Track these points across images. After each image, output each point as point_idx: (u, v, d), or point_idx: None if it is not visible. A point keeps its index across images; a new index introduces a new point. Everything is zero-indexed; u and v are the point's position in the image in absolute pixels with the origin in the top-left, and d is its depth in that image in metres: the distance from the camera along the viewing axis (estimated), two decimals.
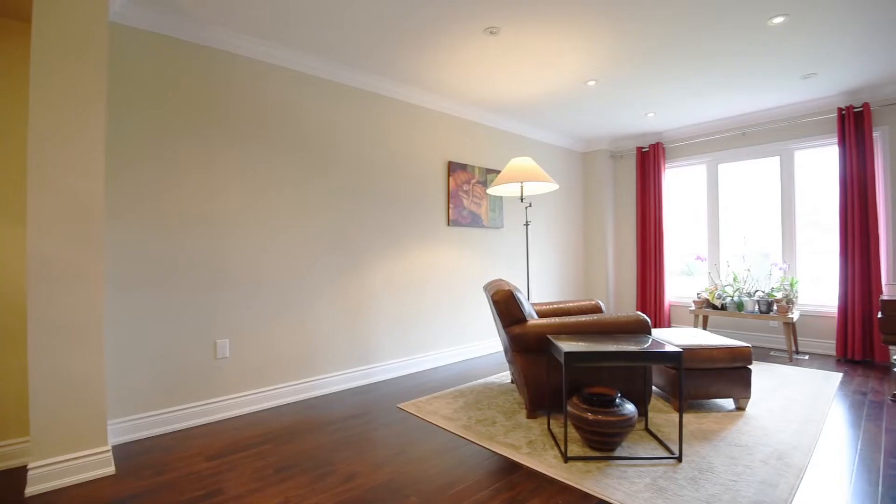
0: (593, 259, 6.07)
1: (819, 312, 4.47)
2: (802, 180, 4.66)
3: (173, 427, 2.67)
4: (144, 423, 2.58)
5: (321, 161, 3.37)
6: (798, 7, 2.70)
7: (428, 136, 4.14)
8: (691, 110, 4.68)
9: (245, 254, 2.98)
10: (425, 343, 4.06)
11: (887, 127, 4.09)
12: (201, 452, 2.36)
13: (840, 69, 3.64)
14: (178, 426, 2.68)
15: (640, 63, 3.47)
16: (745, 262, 4.94)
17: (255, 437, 2.55)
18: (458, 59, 3.34)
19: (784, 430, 2.53)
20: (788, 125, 4.64)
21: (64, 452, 2.04)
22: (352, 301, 3.53)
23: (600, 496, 1.88)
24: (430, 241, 4.13)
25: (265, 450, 2.39)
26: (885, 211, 4.09)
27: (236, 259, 2.94)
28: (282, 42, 3.03)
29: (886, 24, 2.91)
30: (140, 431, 2.56)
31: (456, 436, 2.53)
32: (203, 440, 2.52)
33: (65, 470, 2.03)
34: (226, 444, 2.47)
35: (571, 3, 2.63)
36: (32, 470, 1.96)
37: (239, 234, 2.96)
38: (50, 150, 2.02)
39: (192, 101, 2.78)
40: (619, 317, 2.74)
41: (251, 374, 2.99)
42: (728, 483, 1.97)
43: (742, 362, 2.83)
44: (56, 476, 2.00)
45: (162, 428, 2.63)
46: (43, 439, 1.99)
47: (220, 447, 2.43)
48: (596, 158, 6.05)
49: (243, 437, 2.55)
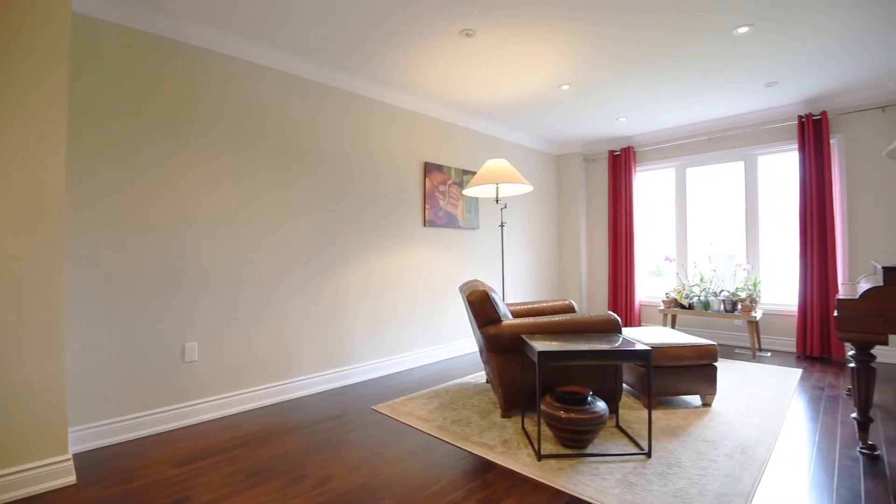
0: (567, 260, 6.17)
1: (780, 311, 4.67)
2: (765, 184, 4.85)
3: (140, 433, 2.58)
4: (109, 430, 2.48)
5: (297, 161, 3.32)
6: (762, 18, 2.81)
7: (404, 136, 4.13)
8: (661, 116, 4.81)
9: (216, 255, 2.91)
10: (401, 344, 4.05)
11: (843, 134, 4.30)
12: (169, 459, 2.30)
13: (801, 78, 3.81)
14: (144, 432, 2.60)
15: (611, 68, 3.55)
16: (712, 262, 5.12)
17: (225, 442, 2.49)
18: (436, 60, 3.35)
19: (747, 425, 2.63)
20: (752, 131, 4.82)
21: (20, 462, 1.94)
22: (327, 302, 3.49)
23: (572, 493, 1.91)
24: (406, 242, 4.12)
25: (236, 455, 2.34)
26: (841, 214, 4.30)
27: (207, 260, 2.87)
28: (260, 40, 2.98)
29: (844, 37, 3.06)
30: (105, 438, 2.47)
31: (431, 436, 2.53)
32: (171, 446, 2.45)
33: (21, 481, 1.93)
34: (195, 449, 2.41)
35: (545, 8, 2.67)
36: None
37: (210, 235, 2.89)
38: (7, 148, 1.93)
39: (165, 99, 2.70)
40: (590, 316, 2.79)
41: (222, 377, 2.93)
42: (695, 477, 2.03)
43: (708, 360, 2.92)
44: (11, 487, 1.91)
45: (128, 434, 2.54)
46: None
47: (189, 453, 2.36)
48: (569, 161, 6.15)
49: (214, 443, 2.49)
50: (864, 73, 3.72)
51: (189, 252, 2.80)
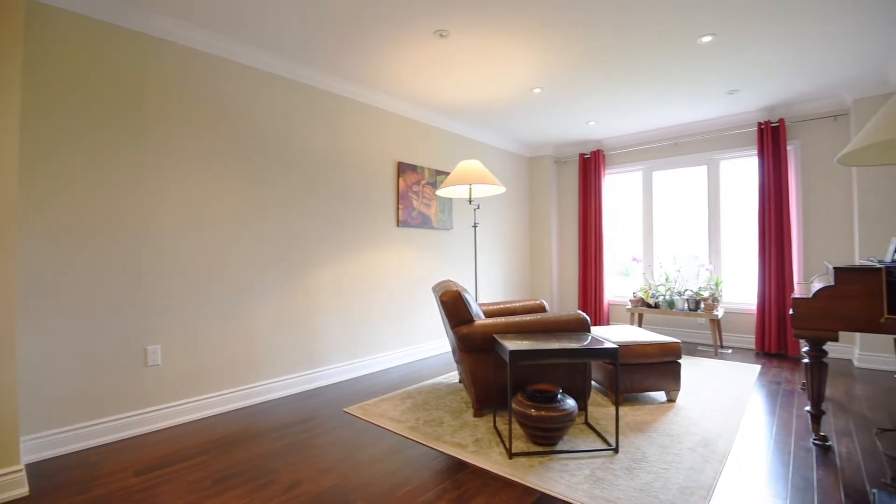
0: (538, 260, 6.26)
1: (741, 310, 4.86)
2: (727, 188, 5.05)
3: (99, 441, 2.48)
4: (66, 438, 2.38)
5: (268, 159, 3.26)
6: (724, 28, 2.92)
7: (378, 135, 4.10)
8: (629, 120, 4.94)
9: (182, 254, 2.82)
10: (374, 345, 4.02)
11: (799, 141, 4.51)
12: (131, 467, 2.22)
13: (760, 87, 3.98)
14: (104, 440, 2.50)
15: (581, 73, 3.63)
16: (677, 263, 5.29)
17: (191, 448, 2.42)
18: (410, 59, 3.34)
19: (709, 420, 2.73)
20: (715, 137, 5.01)
21: None
22: (298, 303, 3.43)
23: (543, 490, 1.94)
24: (379, 242, 4.09)
25: (202, 461, 2.27)
26: (797, 217, 4.52)
27: (172, 260, 2.78)
28: (232, 36, 2.91)
29: (800, 49, 3.22)
30: (61, 447, 2.36)
31: (403, 437, 2.53)
32: (133, 454, 2.36)
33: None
34: (159, 456, 2.33)
35: (516, 11, 2.71)
36: None
37: (176, 234, 2.80)
38: None
39: (132, 94, 2.60)
40: (560, 316, 2.84)
41: (187, 381, 2.84)
42: (660, 471, 2.10)
43: (672, 357, 3.02)
44: None
45: (86, 442, 2.44)
46: None
47: (152, 460, 2.29)
48: (541, 163, 6.25)
49: (178, 449, 2.42)
50: (819, 84, 3.92)
51: (153, 251, 2.70)
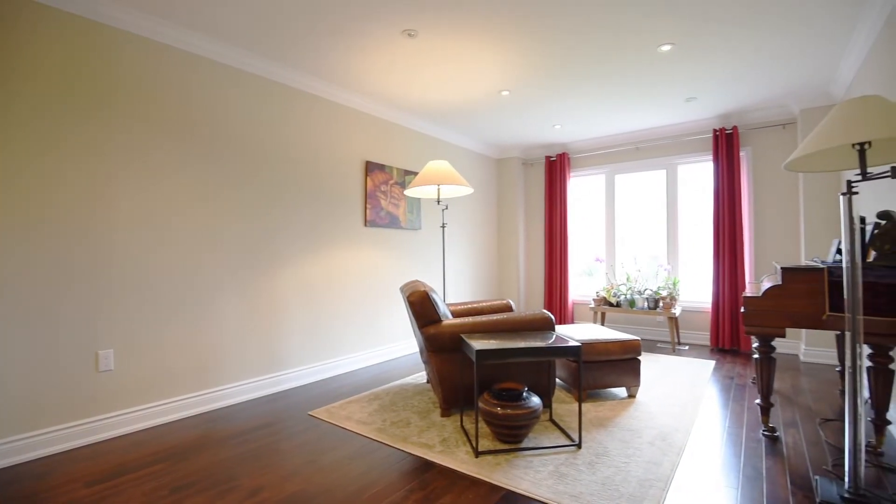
0: (506, 260, 6.34)
1: (697, 308, 5.07)
2: (684, 191, 5.26)
3: (48, 451, 2.34)
4: (10, 449, 2.23)
5: (231, 155, 3.16)
6: (683, 38, 3.04)
7: (346, 134, 4.05)
8: (593, 125, 5.07)
9: (135, 254, 2.70)
10: (341, 346, 3.97)
11: (751, 147, 4.75)
12: (81, 478, 2.10)
13: (716, 95, 4.17)
14: (52, 450, 2.36)
15: (547, 77, 3.70)
16: (637, 263, 5.47)
17: (146, 457, 2.32)
18: (379, 58, 3.32)
19: (667, 414, 2.83)
20: (673, 142, 5.21)
21: None
22: (262, 304, 3.35)
23: (508, 487, 1.97)
24: (346, 242, 4.04)
25: (158, 469, 2.18)
26: (749, 220, 4.75)
27: (124, 260, 2.65)
28: (193, 28, 2.81)
29: (753, 60, 3.39)
30: (5, 458, 2.21)
31: (370, 440, 2.51)
32: (84, 464, 2.24)
33: None
34: (112, 466, 2.22)
35: (484, 14, 2.73)
36: None
37: (128, 233, 2.67)
38: None
39: (83, 82, 2.46)
40: (526, 315, 2.89)
41: (142, 386, 2.72)
42: (620, 465, 2.16)
43: (633, 354, 3.12)
44: None
45: (33, 453, 2.30)
46: None
47: (104, 470, 2.18)
48: (509, 165, 6.33)
49: (133, 458, 2.31)
50: (769, 94, 4.14)
51: (106, 251, 2.57)
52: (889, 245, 2.19)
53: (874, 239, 2.23)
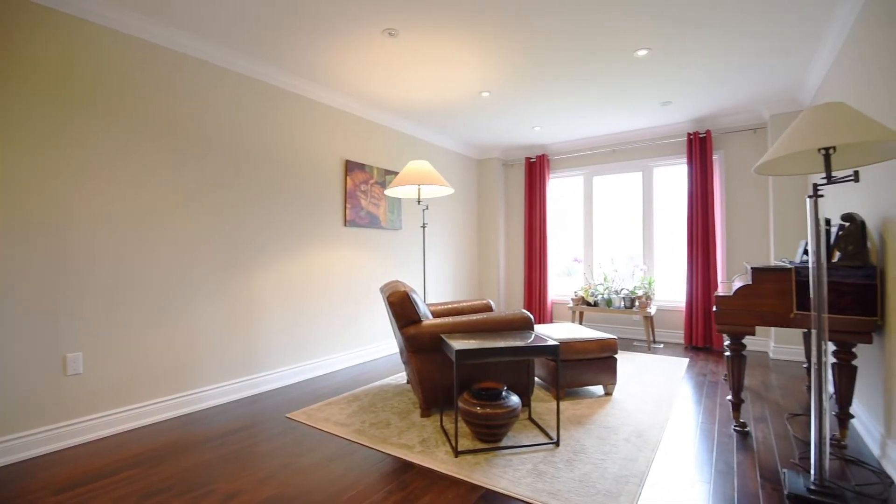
0: (486, 260, 6.37)
1: (671, 307, 5.19)
2: (660, 193, 5.37)
3: (13, 458, 2.25)
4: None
5: (208, 152, 3.09)
6: (659, 43, 3.11)
7: (326, 133, 4.01)
8: (571, 127, 5.14)
9: (108, 253, 2.62)
10: (321, 348, 3.92)
11: (724, 151, 4.89)
12: (49, 485, 2.03)
13: (690, 100, 4.27)
14: (18, 457, 2.26)
15: (527, 80, 3.73)
16: (614, 263, 5.57)
17: (118, 462, 2.25)
18: (359, 57, 3.30)
19: (643, 411, 2.89)
20: (649, 145, 5.32)
21: None
22: (239, 305, 3.29)
23: (487, 486, 1.98)
24: (326, 242, 4.00)
25: (130, 475, 2.12)
26: (721, 221, 4.89)
27: (96, 259, 2.57)
28: (177, 27, 2.73)
29: (725, 66, 3.48)
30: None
31: (349, 441, 2.49)
32: (52, 471, 2.16)
33: None
34: (81, 472, 2.15)
35: (465, 14, 2.74)
36: None
37: (100, 234, 2.59)
38: None
39: (46, 72, 2.37)
40: (505, 315, 2.91)
41: (113, 390, 2.64)
42: (597, 462, 2.20)
43: (610, 352, 3.17)
44: None
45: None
46: None
47: (73, 477, 2.10)
48: (489, 166, 6.36)
49: (104, 464, 2.24)
50: (741, 99, 4.26)
51: (74, 250, 2.49)
52: (852, 246, 2.28)
53: (839, 240, 2.32)
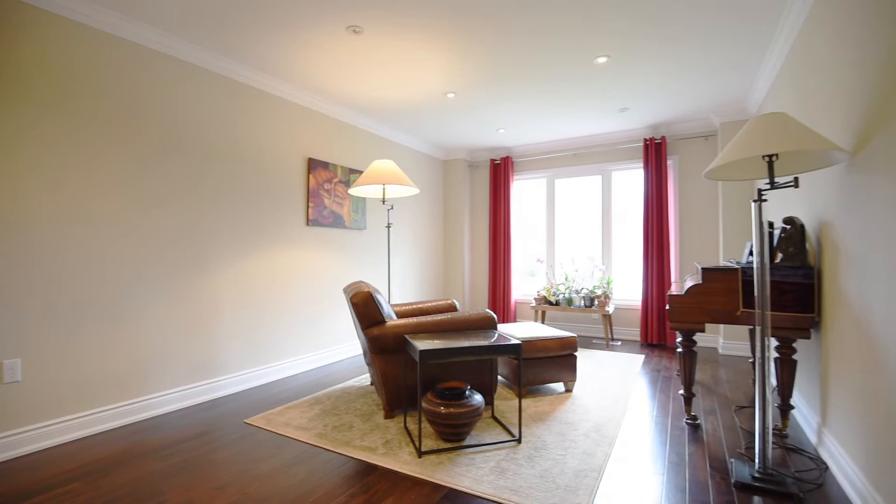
0: (452, 260, 6.40)
1: (628, 306, 5.38)
2: (618, 196, 5.56)
3: None
4: None
5: (162, 147, 2.95)
6: (617, 51, 3.21)
7: (288, 129, 3.91)
8: (534, 130, 5.24)
9: (50, 253, 2.46)
10: (281, 350, 3.83)
11: (678, 156, 5.10)
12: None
13: (647, 107, 4.44)
14: None
15: (492, 81, 3.77)
16: (575, 264, 5.72)
17: (60, 475, 2.12)
18: (324, 54, 3.24)
19: (601, 406, 2.98)
20: (608, 150, 5.49)
21: None
22: (195, 307, 3.16)
23: (450, 485, 1.99)
24: (287, 242, 3.90)
25: (74, 489, 2.00)
26: (675, 224, 5.10)
27: (35, 259, 2.40)
28: (136, 17, 2.59)
29: (679, 76, 3.64)
30: None
31: (310, 445, 2.44)
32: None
33: None
34: (19, 487, 2.01)
35: (429, 13, 2.74)
36: None
37: (41, 229, 2.43)
38: None
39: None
40: (469, 315, 2.93)
41: (57, 398, 2.48)
42: (558, 457, 2.25)
43: (570, 350, 3.26)
44: None
45: None
46: None
47: (10, 492, 1.96)
48: (455, 166, 6.39)
49: (44, 477, 2.10)
50: (694, 108, 4.46)
51: (10, 249, 2.32)
52: (793, 248, 2.43)
53: (781, 242, 2.47)
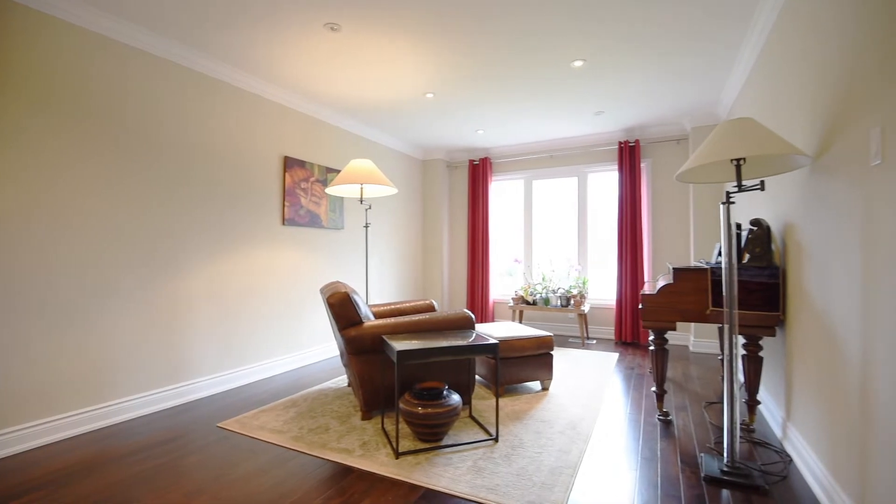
0: (430, 261, 6.40)
1: (603, 305, 5.48)
2: (593, 198, 5.66)
3: None
4: None
5: (132, 143, 2.85)
6: (593, 55, 3.27)
7: (264, 127, 3.84)
8: (512, 132, 5.29)
9: (11, 250, 2.36)
10: (256, 352, 3.76)
11: (651, 159, 5.23)
12: None
13: (621, 110, 4.53)
14: None
15: (471, 82, 3.79)
16: (552, 264, 5.80)
17: (21, 484, 2.03)
18: (300, 51, 3.19)
19: (576, 404, 3.03)
20: (584, 152, 5.58)
21: None
22: (165, 308, 3.07)
23: (427, 486, 1.99)
24: (263, 242, 3.83)
25: (36, 498, 1.92)
26: (648, 224, 5.22)
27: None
28: (124, 17, 2.51)
29: (652, 81, 3.73)
30: None
31: (286, 449, 2.40)
32: None
33: None
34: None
35: (407, 12, 2.74)
36: None
37: (2, 226, 2.33)
38: None
39: None
40: (447, 315, 2.94)
41: (17, 403, 2.37)
42: (534, 455, 2.28)
43: (546, 349, 3.30)
44: None
45: None
46: None
47: None
48: (434, 167, 6.39)
49: (4, 487, 2.01)
50: (667, 112, 4.58)
51: None
52: (759, 248, 2.52)
53: (748, 243, 2.56)
